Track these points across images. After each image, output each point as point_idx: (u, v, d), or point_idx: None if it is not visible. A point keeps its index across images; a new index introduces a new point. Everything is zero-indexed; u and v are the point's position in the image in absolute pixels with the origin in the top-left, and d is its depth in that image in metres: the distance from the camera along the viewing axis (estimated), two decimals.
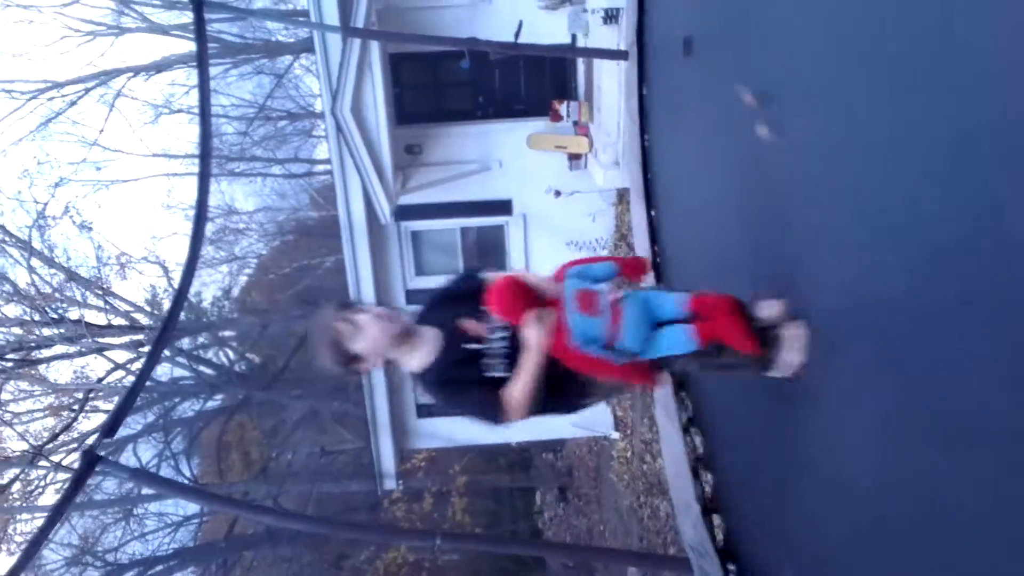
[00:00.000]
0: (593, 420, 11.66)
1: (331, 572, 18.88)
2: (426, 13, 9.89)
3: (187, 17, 17.66)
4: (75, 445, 15.34)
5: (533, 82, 10.53)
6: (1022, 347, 1.71)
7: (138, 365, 15.21)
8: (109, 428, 3.89)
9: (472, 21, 9.76)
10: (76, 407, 15.92)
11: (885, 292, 2.31)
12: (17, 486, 15.17)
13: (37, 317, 14.65)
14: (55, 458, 14.73)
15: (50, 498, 15.47)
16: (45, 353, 15.65)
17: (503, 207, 10.83)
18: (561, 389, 2.59)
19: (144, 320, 17.27)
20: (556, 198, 10.50)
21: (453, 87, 10.66)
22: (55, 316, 14.71)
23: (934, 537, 2.11)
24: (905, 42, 2.21)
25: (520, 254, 11.04)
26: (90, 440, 14.57)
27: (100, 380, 16.22)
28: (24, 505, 15.41)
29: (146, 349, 14.61)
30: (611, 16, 8.10)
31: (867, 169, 2.44)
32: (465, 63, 9.63)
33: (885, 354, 2.37)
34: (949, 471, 2.03)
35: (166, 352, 14.96)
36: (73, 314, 15.19)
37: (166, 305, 17.24)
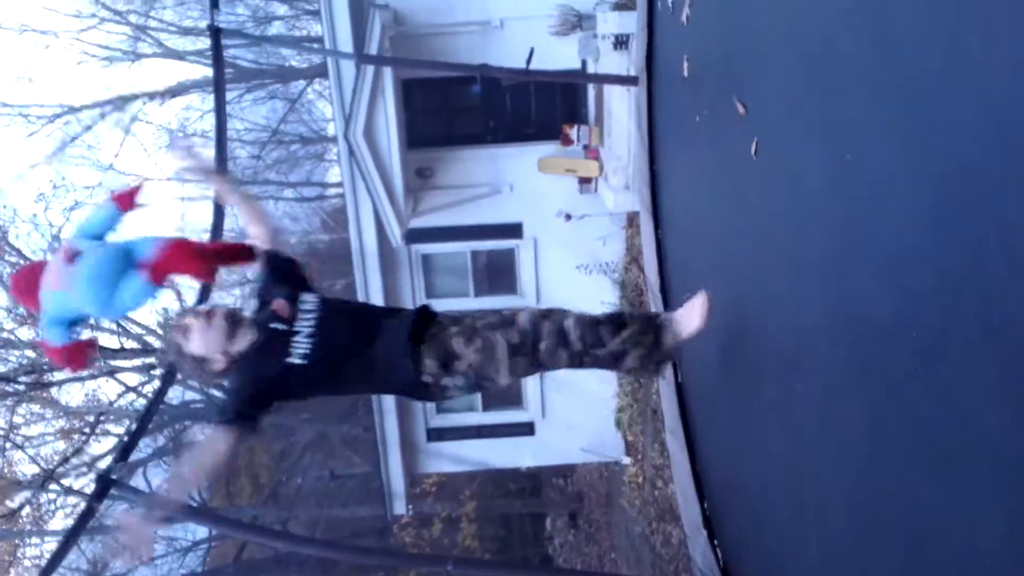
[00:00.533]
0: (603, 445, 11.59)
1: None
2: (438, 39, 10.01)
3: (203, 43, 17.95)
4: (85, 469, 15.36)
5: (544, 106, 10.62)
6: (1010, 368, 1.71)
7: (149, 388, 15.27)
8: (124, 452, 3.89)
9: (484, 47, 9.87)
10: (87, 430, 15.95)
11: (889, 315, 2.31)
12: (27, 510, 15.18)
13: None
14: (65, 482, 14.74)
15: (60, 522, 15.47)
16: (57, 376, 15.72)
17: (514, 230, 10.87)
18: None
19: (156, 343, 17.34)
20: (567, 222, 10.53)
21: (464, 111, 10.77)
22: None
23: (918, 558, 2.12)
24: (926, 71, 2.22)
25: (531, 277, 11.06)
26: (101, 464, 14.58)
27: (111, 403, 16.28)
28: (34, 529, 15.39)
29: (158, 372, 14.66)
30: (621, 42, 8.18)
31: (876, 197, 2.43)
32: (476, 88, 9.73)
33: (876, 376, 2.37)
34: (935, 492, 2.04)
35: (177, 376, 14.97)
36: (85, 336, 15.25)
37: None
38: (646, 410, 9.73)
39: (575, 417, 11.47)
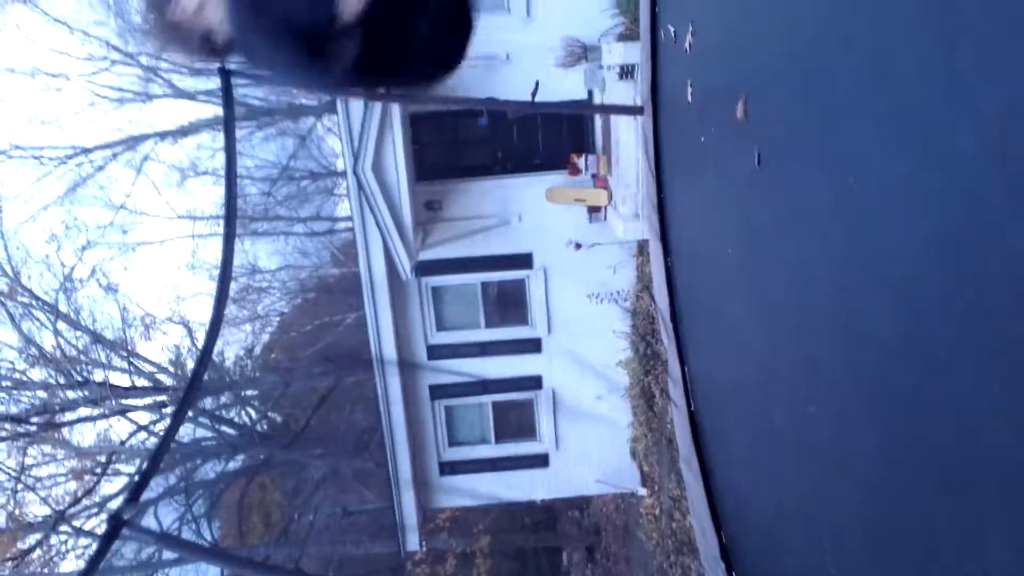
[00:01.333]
0: (619, 475, 11.43)
1: None
2: None
3: (213, 82, 18.23)
4: (96, 509, 15.27)
5: (551, 136, 10.67)
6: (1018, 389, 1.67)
7: (161, 426, 15.23)
8: (135, 492, 3.85)
9: (490, 80, 9.96)
10: (99, 470, 15.90)
11: (897, 337, 2.27)
12: (38, 552, 15.07)
13: (62, 380, 14.78)
14: (76, 523, 14.65)
15: (71, 564, 15.34)
16: (69, 416, 15.72)
17: (524, 261, 10.85)
18: None
19: (168, 381, 17.34)
20: (577, 251, 10.52)
21: (472, 143, 10.84)
22: (80, 379, 14.82)
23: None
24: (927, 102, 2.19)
25: (542, 307, 11.02)
26: (112, 504, 14.50)
27: (123, 443, 16.24)
28: (45, 571, 15.27)
29: (169, 410, 14.64)
30: (627, 72, 8.23)
31: (881, 226, 2.40)
32: (483, 120, 9.80)
33: (887, 398, 2.33)
34: (948, 514, 2.02)
35: (189, 413, 14.95)
36: (97, 376, 15.30)
37: (190, 365, 17.34)
38: (661, 440, 9.60)
39: (590, 448, 11.34)
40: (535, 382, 11.30)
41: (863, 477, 2.60)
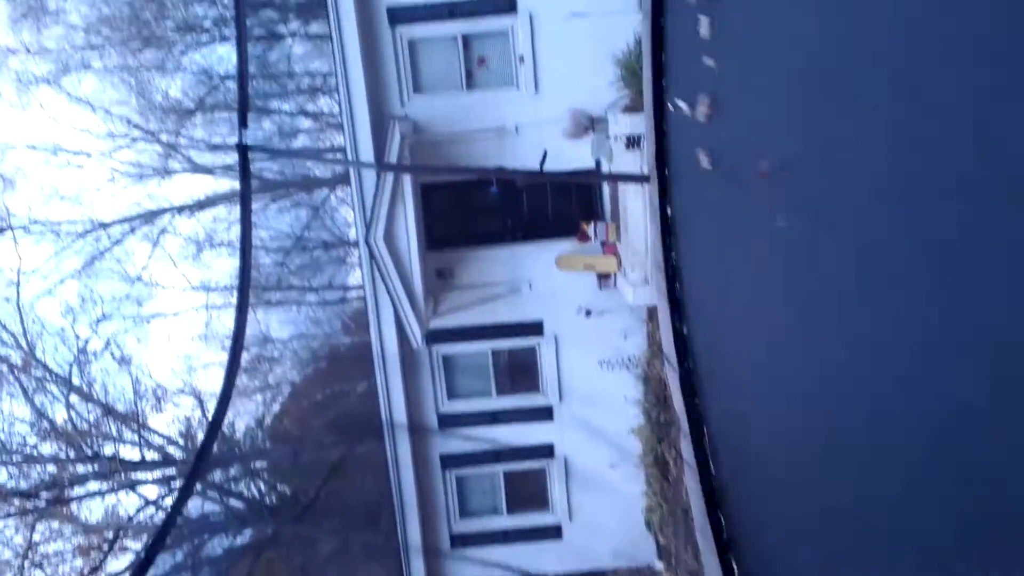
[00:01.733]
0: (634, 547, 11.12)
1: None
2: (456, 145, 10.36)
3: (230, 158, 18.69)
4: None
5: (560, 204, 10.82)
6: None
7: (170, 500, 15.03)
8: (140, 570, 3.78)
9: (500, 150, 10.19)
10: (105, 547, 15.62)
11: (898, 414, 2.22)
12: None
13: (72, 454, 14.69)
14: None
15: None
16: (78, 491, 15.56)
17: (534, 328, 10.86)
18: None
19: (177, 454, 17.20)
20: (587, 318, 10.52)
21: (482, 212, 10.99)
22: (90, 453, 14.74)
23: None
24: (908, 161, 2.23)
25: (553, 375, 10.96)
26: None
27: (131, 518, 16.00)
28: None
29: (178, 484, 14.49)
30: (633, 141, 8.39)
31: (888, 286, 2.40)
32: (494, 189, 9.97)
33: (907, 462, 2.25)
34: None
35: (196, 487, 14.77)
36: (108, 450, 15.20)
37: (200, 436, 17.21)
38: (676, 510, 9.36)
39: (604, 519, 11.07)
40: (547, 451, 11.14)
41: (884, 548, 2.52)
